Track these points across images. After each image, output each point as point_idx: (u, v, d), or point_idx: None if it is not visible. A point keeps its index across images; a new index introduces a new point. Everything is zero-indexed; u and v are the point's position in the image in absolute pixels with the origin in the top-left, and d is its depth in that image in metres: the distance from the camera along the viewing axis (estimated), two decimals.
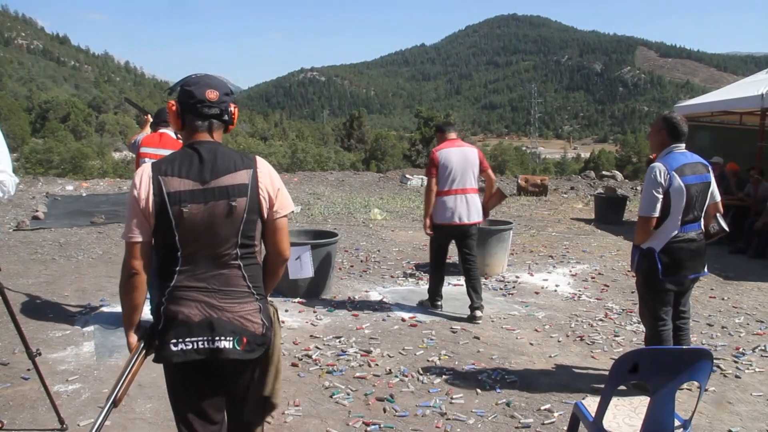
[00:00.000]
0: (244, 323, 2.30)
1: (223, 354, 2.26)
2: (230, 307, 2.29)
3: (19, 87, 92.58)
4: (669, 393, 2.50)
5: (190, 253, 2.27)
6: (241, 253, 2.31)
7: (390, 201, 14.77)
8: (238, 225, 2.28)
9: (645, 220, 3.96)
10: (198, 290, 2.28)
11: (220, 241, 2.27)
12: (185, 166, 2.27)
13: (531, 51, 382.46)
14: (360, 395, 4.04)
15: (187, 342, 2.26)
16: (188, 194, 2.24)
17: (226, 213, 2.26)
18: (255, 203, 2.30)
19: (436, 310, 6.06)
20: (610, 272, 7.82)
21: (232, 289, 2.31)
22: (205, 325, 2.26)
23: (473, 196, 5.72)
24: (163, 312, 2.29)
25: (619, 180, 21.02)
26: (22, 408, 3.76)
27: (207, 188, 2.25)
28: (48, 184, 17.52)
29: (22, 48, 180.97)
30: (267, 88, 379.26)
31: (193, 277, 2.28)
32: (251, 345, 2.30)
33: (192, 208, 2.23)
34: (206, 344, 2.26)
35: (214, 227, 2.26)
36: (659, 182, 3.86)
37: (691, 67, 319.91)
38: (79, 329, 5.28)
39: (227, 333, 2.27)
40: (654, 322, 4.10)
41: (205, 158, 2.28)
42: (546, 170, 64.19)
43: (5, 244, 8.91)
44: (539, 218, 12.64)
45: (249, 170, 2.32)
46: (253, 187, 2.31)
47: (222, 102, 2.35)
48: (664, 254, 3.94)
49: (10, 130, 58.43)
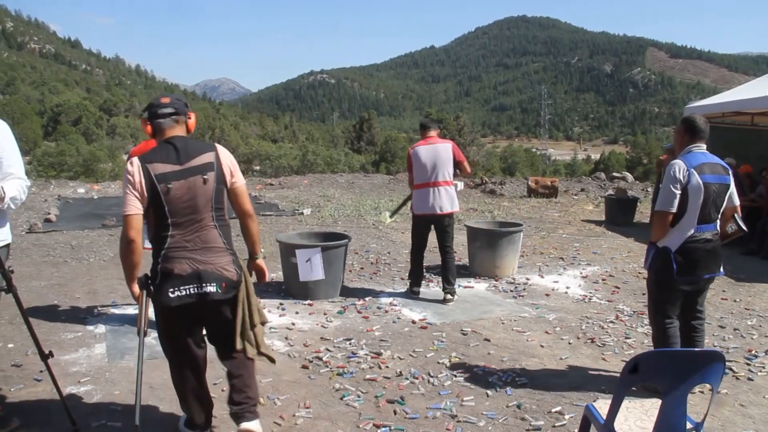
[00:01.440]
0: (223, 272, 3.09)
1: (210, 296, 3.05)
2: (212, 261, 3.07)
3: (31, 91, 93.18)
4: (681, 395, 2.49)
5: (177, 220, 3.02)
6: (215, 216, 3.10)
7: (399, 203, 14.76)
8: (211, 193, 3.06)
9: (661, 215, 3.96)
10: (186, 249, 3.03)
11: (199, 208, 3.04)
12: (164, 154, 3.02)
13: (541, 52, 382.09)
14: (370, 397, 4.04)
15: (181, 289, 3.01)
16: (171, 174, 2.98)
17: (201, 184, 3.03)
18: (221, 175, 3.10)
19: (414, 296, 6.54)
20: (621, 274, 7.78)
21: (211, 245, 3.09)
22: (195, 275, 3.02)
23: (445, 189, 6.19)
24: (160, 270, 3.02)
25: (629, 181, 20.92)
26: (35, 409, 3.78)
27: (184, 168, 3.01)
28: (60, 187, 17.65)
29: (35, 52, 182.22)
30: (277, 90, 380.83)
31: (182, 240, 3.03)
32: (229, 288, 3.11)
33: (175, 184, 2.98)
34: (196, 290, 3.03)
35: (194, 197, 3.02)
36: (678, 178, 3.87)
37: (701, 68, 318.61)
38: (91, 331, 5.30)
39: (212, 280, 3.05)
40: (661, 320, 4.10)
41: (178, 147, 3.05)
42: (556, 172, 64.10)
43: (18, 247, 8.97)
44: (550, 220, 12.60)
45: (212, 152, 3.13)
46: (218, 164, 3.10)
47: (174, 104, 3.15)
48: (679, 254, 3.94)
49: (22, 134, 58.87)
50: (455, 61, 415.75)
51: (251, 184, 19.10)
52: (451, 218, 6.33)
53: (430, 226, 6.41)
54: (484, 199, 16.46)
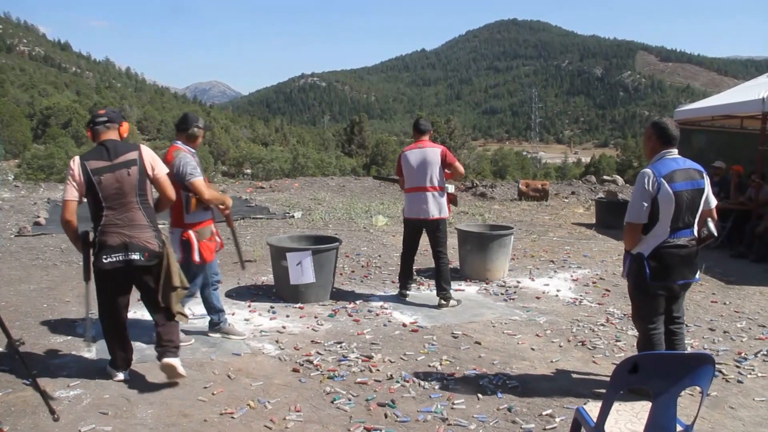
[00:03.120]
0: (146, 244, 4.01)
1: (134, 263, 3.98)
2: (137, 235, 3.99)
3: (20, 93, 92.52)
4: (671, 398, 2.50)
5: (109, 204, 3.95)
6: (140, 200, 4.02)
7: (390, 206, 14.76)
8: (135, 183, 3.98)
9: (631, 227, 3.95)
10: (117, 226, 3.97)
11: (126, 194, 3.97)
12: (98, 153, 3.99)
13: (531, 56, 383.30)
14: (361, 400, 4.03)
15: (113, 257, 3.95)
16: (102, 168, 3.93)
17: (126, 176, 3.95)
18: (142, 168, 4.02)
19: (403, 298, 6.58)
20: (612, 277, 7.81)
21: (137, 223, 4.01)
22: (123, 246, 3.96)
23: (432, 194, 6.16)
24: (98, 242, 3.98)
25: (620, 184, 20.98)
26: (23, 414, 3.75)
27: (113, 164, 3.95)
28: (49, 190, 17.55)
29: (24, 55, 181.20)
30: (268, 93, 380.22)
31: (113, 218, 3.97)
32: (151, 257, 4.03)
33: (106, 176, 3.92)
34: (124, 257, 3.96)
35: (121, 186, 3.95)
36: (647, 189, 3.83)
37: (691, 71, 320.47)
38: (81, 335, 5.27)
39: (136, 250, 3.98)
40: (645, 326, 4.09)
41: (108, 147, 4.00)
42: (547, 175, 64.29)
43: (7, 250, 8.91)
44: (540, 223, 12.64)
45: (136, 151, 4.06)
46: (140, 160, 4.03)
47: (108, 114, 4.15)
48: (652, 259, 3.91)
49: (11, 137, 58.54)
50: (446, 64, 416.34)
51: (242, 188, 19.06)
52: (441, 223, 6.26)
53: (420, 230, 6.39)
54: (474, 202, 16.49)
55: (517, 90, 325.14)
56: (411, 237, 6.51)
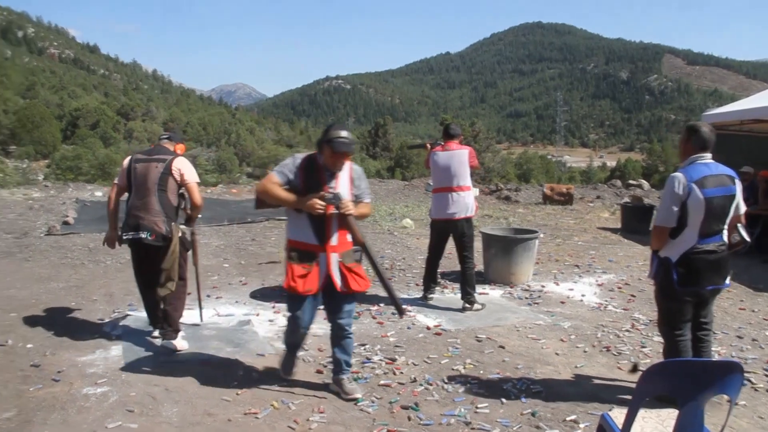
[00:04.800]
0: (155, 226, 4.72)
1: (142, 240, 4.73)
2: (148, 217, 4.73)
3: (51, 95, 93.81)
4: (698, 406, 2.47)
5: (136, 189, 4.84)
6: (158, 191, 4.78)
7: (415, 209, 14.77)
8: (157, 177, 4.79)
9: (659, 230, 3.91)
10: (136, 208, 4.79)
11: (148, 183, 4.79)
12: (146, 152, 5.03)
13: (556, 59, 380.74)
14: (385, 403, 4.04)
15: (129, 233, 4.78)
16: (140, 160, 4.89)
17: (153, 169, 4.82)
18: (168, 169, 4.82)
19: (427, 301, 6.60)
20: (637, 282, 7.74)
21: (150, 208, 4.76)
22: (136, 225, 4.75)
23: (458, 194, 6.24)
24: (124, 222, 4.84)
25: (645, 189, 20.80)
26: (52, 409, 3.82)
27: (149, 158, 4.88)
28: (78, 190, 17.80)
29: (54, 57, 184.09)
30: (292, 96, 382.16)
31: (135, 201, 4.82)
32: (157, 238, 4.73)
33: (140, 166, 4.85)
34: (135, 235, 4.75)
35: (147, 176, 4.80)
36: (677, 193, 3.78)
37: (719, 75, 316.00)
38: (108, 333, 5.35)
39: (145, 230, 4.72)
40: (671, 332, 4.04)
41: (154, 149, 5.02)
42: (571, 179, 63.71)
43: (37, 249, 9.06)
44: (565, 227, 12.56)
45: (170, 157, 4.89)
46: (169, 163, 4.84)
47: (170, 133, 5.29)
48: (680, 265, 3.86)
49: (41, 138, 59.43)
50: (471, 67, 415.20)
51: None
52: (467, 226, 6.29)
53: (447, 234, 6.42)
54: (499, 205, 16.43)
55: (542, 93, 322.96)
56: (437, 240, 6.53)
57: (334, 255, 4.02)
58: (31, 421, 3.67)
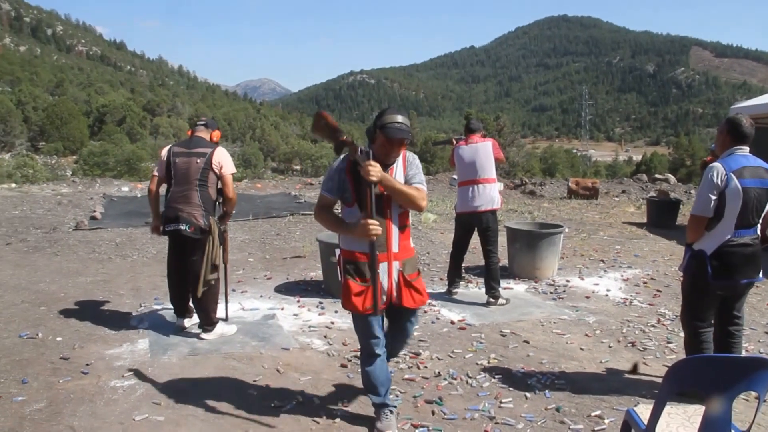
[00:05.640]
0: (193, 219, 4.86)
1: (181, 232, 4.87)
2: (187, 210, 4.86)
3: (78, 92, 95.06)
4: (725, 402, 2.44)
5: (177, 181, 4.95)
6: (199, 184, 4.91)
7: (439, 203, 14.74)
8: (199, 170, 4.91)
9: (696, 220, 3.87)
10: (176, 201, 4.91)
11: (190, 176, 4.91)
12: (184, 143, 5.10)
13: (582, 52, 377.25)
14: (409, 397, 4.05)
15: (170, 225, 4.92)
16: (180, 153, 5.00)
17: (195, 163, 4.93)
18: (209, 163, 4.93)
19: (451, 296, 6.57)
20: (663, 277, 7.65)
21: (191, 201, 4.89)
22: (176, 218, 4.87)
23: (483, 186, 6.23)
24: (164, 213, 5.00)
25: (672, 183, 20.53)
26: (81, 401, 3.89)
27: (189, 152, 4.98)
28: (105, 186, 18.04)
29: (82, 54, 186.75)
30: (317, 90, 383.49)
31: (175, 193, 4.94)
32: (196, 231, 4.88)
33: (180, 159, 4.97)
34: (175, 226, 4.88)
35: (188, 169, 4.92)
36: (715, 183, 3.75)
37: (748, 67, 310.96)
38: (135, 327, 5.42)
39: (184, 222, 4.85)
40: (695, 323, 4.01)
41: (193, 140, 5.07)
42: (597, 173, 63.21)
43: (65, 243, 9.21)
44: (590, 222, 12.45)
45: (210, 149, 5.00)
46: (210, 156, 4.95)
47: (206, 120, 5.35)
48: (715, 258, 3.83)
49: (69, 134, 60.31)
50: (495, 61, 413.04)
51: (291, 184, 19.25)
52: (492, 219, 6.26)
53: (471, 227, 6.41)
54: (523, 200, 16.34)
55: (567, 87, 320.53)
56: (462, 234, 6.53)
57: (396, 264, 3.45)
58: (60, 412, 3.73)
